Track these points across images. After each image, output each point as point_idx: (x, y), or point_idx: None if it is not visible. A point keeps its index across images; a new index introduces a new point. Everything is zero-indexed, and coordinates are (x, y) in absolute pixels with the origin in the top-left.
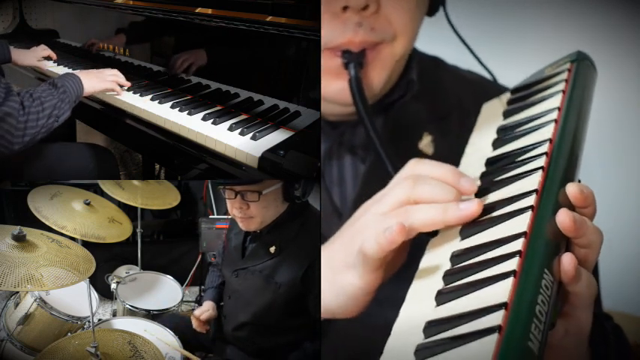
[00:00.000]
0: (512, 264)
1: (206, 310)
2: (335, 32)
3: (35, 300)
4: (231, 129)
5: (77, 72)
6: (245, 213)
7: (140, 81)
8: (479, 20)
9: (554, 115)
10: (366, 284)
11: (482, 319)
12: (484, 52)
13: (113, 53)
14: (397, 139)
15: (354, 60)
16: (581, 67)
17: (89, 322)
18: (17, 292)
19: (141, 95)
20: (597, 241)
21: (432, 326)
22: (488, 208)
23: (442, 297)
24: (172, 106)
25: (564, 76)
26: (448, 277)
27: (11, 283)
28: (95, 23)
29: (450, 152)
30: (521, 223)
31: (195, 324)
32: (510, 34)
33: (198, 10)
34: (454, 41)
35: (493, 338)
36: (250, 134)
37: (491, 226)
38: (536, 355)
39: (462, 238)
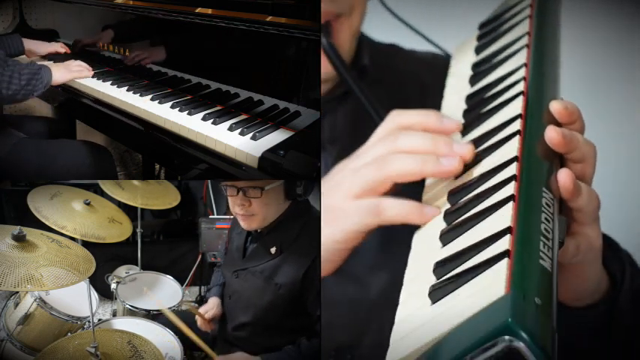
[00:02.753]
0: (510, 189)
1: (211, 307)
2: None
3: (35, 300)
4: (231, 129)
5: (47, 63)
6: (247, 210)
7: (140, 81)
8: None
9: (525, 40)
10: (345, 240)
11: (489, 248)
12: (432, 27)
13: (114, 53)
14: (360, 127)
15: (323, 30)
16: None
17: (89, 322)
18: (17, 292)
19: (141, 95)
20: (591, 153)
21: (441, 266)
22: (477, 142)
23: (446, 236)
24: (172, 106)
25: (528, 1)
26: (449, 215)
27: (11, 283)
28: (95, 23)
29: None
30: (512, 150)
31: (199, 322)
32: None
33: (198, 10)
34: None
35: (504, 264)
36: (250, 134)
37: (483, 158)
38: (550, 272)
39: (456, 177)
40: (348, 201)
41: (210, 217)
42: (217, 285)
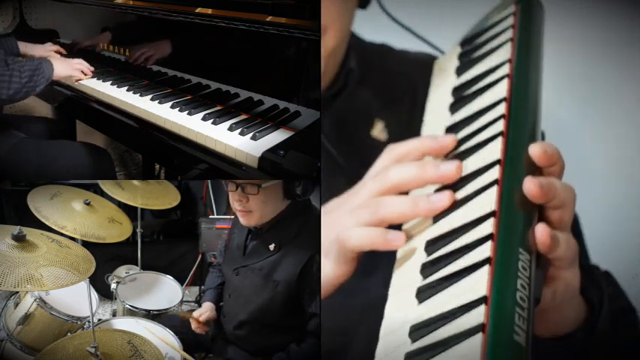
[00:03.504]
0: (487, 250)
1: (205, 311)
2: None
3: (35, 300)
4: (231, 129)
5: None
6: (244, 206)
7: (140, 81)
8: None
9: (506, 69)
10: (337, 274)
11: (464, 316)
12: (430, 31)
13: (114, 53)
14: (348, 129)
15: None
16: (526, 10)
17: (89, 322)
18: (17, 292)
19: (141, 95)
20: (570, 199)
21: (417, 329)
22: (454, 186)
23: (423, 294)
24: (172, 106)
25: (510, 21)
26: (426, 269)
27: (11, 283)
28: (95, 23)
29: (405, 136)
30: (489, 202)
31: (194, 325)
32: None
33: (198, 10)
34: (399, 28)
35: (478, 339)
36: (250, 134)
37: (462, 205)
38: (524, 346)
39: (434, 222)
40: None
41: (210, 217)
42: (211, 288)
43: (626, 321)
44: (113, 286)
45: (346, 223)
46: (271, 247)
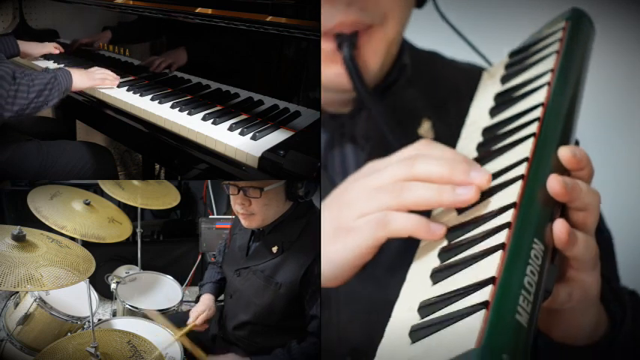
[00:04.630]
0: (503, 236)
1: (202, 310)
2: (327, 16)
3: (35, 300)
4: (231, 129)
5: (69, 69)
6: (247, 209)
7: (140, 81)
8: (470, 6)
9: (548, 77)
10: (362, 253)
11: (472, 295)
12: (478, 40)
13: (114, 53)
14: (397, 125)
15: (347, 40)
16: (575, 26)
17: (89, 322)
18: (17, 292)
19: (141, 95)
20: (594, 203)
21: (427, 306)
22: None
23: (437, 275)
24: (172, 106)
25: (559, 35)
26: (443, 254)
27: (11, 283)
28: (95, 23)
29: (451, 137)
30: (512, 194)
31: (192, 325)
32: (502, 17)
33: (198, 10)
34: (450, 33)
35: (481, 315)
36: (250, 134)
37: (486, 198)
38: (526, 327)
39: (459, 213)
40: (359, 220)
41: (210, 217)
42: (211, 282)
43: None
44: (113, 286)
45: (363, 203)
46: (274, 249)
